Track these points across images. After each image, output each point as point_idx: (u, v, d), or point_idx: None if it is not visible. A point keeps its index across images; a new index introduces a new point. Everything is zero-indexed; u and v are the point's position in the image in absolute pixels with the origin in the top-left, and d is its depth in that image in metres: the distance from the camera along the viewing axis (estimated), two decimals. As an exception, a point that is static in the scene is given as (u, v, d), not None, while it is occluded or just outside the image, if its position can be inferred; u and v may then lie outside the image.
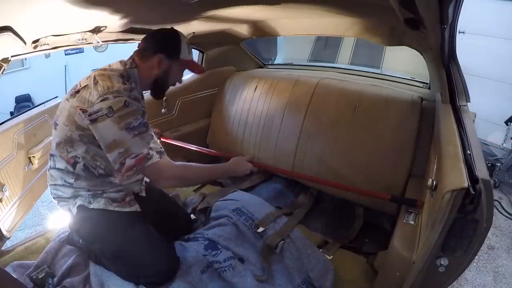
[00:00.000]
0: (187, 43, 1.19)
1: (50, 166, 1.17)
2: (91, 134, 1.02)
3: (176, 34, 1.16)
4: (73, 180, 1.12)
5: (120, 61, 1.15)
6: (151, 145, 1.03)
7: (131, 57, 1.15)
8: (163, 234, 1.27)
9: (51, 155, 1.14)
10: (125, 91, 1.02)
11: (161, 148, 1.06)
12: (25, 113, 1.58)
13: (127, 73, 1.10)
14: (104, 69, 1.09)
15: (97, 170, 1.11)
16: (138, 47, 1.17)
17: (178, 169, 1.12)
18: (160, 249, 1.23)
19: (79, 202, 1.14)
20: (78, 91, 1.03)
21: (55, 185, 1.16)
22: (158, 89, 1.22)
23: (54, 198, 1.19)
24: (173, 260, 1.24)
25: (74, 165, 1.09)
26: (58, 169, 1.13)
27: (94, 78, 1.03)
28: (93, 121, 0.97)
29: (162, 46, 1.13)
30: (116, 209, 1.17)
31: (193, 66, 1.26)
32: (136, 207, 1.23)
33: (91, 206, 1.14)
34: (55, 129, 1.10)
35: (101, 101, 0.97)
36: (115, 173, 1.08)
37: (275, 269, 1.31)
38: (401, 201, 1.31)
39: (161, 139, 1.82)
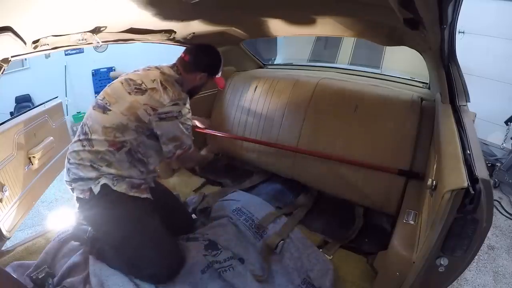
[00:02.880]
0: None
1: (80, 148, 1.19)
2: (146, 127, 1.18)
3: (220, 59, 1.39)
4: (105, 165, 1.17)
5: (169, 67, 1.31)
6: (192, 138, 1.30)
7: (176, 65, 1.32)
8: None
9: (87, 139, 1.18)
10: (187, 99, 1.27)
11: (192, 138, 1.31)
12: (25, 113, 1.58)
13: (181, 81, 1.30)
14: (163, 73, 1.26)
15: (137, 154, 1.23)
16: (183, 57, 1.32)
17: (200, 155, 1.59)
18: (168, 244, 1.25)
19: (103, 181, 1.17)
20: (145, 90, 1.19)
21: (80, 164, 1.18)
22: (190, 96, 1.38)
23: (73, 178, 1.20)
24: (179, 257, 1.25)
25: (119, 149, 1.18)
26: (92, 151, 1.17)
27: (161, 83, 1.21)
28: (162, 119, 1.17)
29: (208, 68, 1.35)
30: (136, 194, 1.23)
31: (220, 83, 1.46)
32: (149, 194, 1.29)
33: (114, 188, 1.18)
34: (104, 113, 1.17)
35: (173, 105, 1.18)
36: (166, 159, 1.30)
37: (275, 269, 1.31)
38: (407, 174, 1.51)
39: (212, 133, 2.11)
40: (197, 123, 1.80)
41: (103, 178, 1.17)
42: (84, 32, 1.16)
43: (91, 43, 1.25)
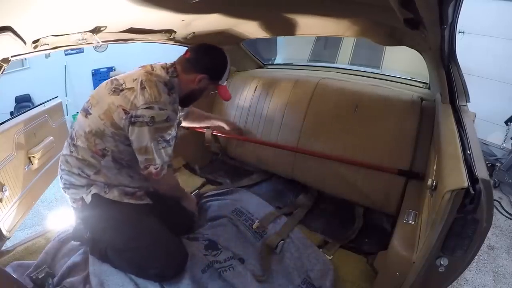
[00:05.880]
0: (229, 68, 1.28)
1: (68, 152, 1.16)
2: (123, 134, 1.09)
3: (225, 62, 1.24)
4: (92, 173, 1.14)
5: (163, 66, 1.19)
6: (166, 159, 1.15)
7: (173, 65, 1.20)
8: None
9: (74, 145, 1.14)
10: (169, 104, 1.10)
11: (169, 160, 1.18)
12: (25, 113, 1.58)
13: (171, 83, 1.15)
14: (150, 73, 1.14)
15: (123, 161, 1.17)
16: (184, 55, 1.20)
17: (174, 183, 1.37)
18: (171, 240, 1.24)
19: (94, 190, 1.15)
20: (122, 90, 1.08)
21: (69, 171, 1.16)
22: (188, 101, 1.28)
23: (64, 184, 1.19)
24: (182, 253, 1.25)
25: (103, 156, 1.12)
26: (79, 159, 1.13)
27: (141, 83, 1.08)
28: (132, 123, 1.05)
29: (209, 69, 1.20)
30: (130, 201, 1.20)
31: (223, 93, 1.31)
32: (147, 200, 1.26)
33: (106, 196, 1.15)
34: (86, 117, 1.11)
35: (146, 108, 1.04)
36: (140, 170, 1.16)
37: (275, 269, 1.31)
38: (407, 174, 1.49)
39: (213, 133, 2.06)
40: (223, 125, 1.72)
41: (94, 187, 1.15)
42: (84, 32, 1.16)
43: (91, 43, 1.24)
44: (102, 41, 1.25)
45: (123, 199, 1.18)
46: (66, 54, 4.35)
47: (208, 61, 1.20)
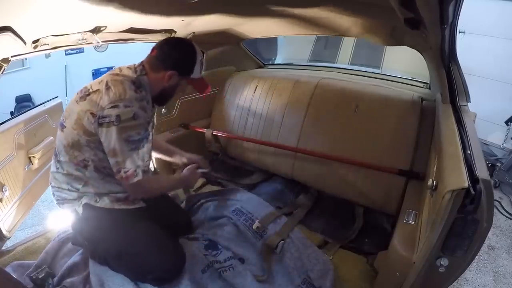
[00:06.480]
0: (202, 60, 1.21)
1: (55, 169, 1.16)
2: (97, 140, 1.05)
3: (193, 54, 1.15)
4: (81, 186, 1.13)
5: (129, 67, 1.15)
6: (139, 162, 1.06)
7: (141, 64, 1.16)
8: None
9: (58, 161, 1.14)
10: (136, 100, 1.05)
11: (148, 167, 1.11)
12: (25, 113, 1.59)
13: (138, 81, 1.11)
14: (116, 74, 1.11)
15: (106, 170, 1.13)
16: (151, 53, 1.17)
17: (154, 190, 1.22)
18: (166, 244, 1.23)
19: (85, 200, 1.15)
20: (88, 94, 1.06)
21: (59, 187, 1.16)
22: (162, 99, 1.24)
23: (57, 200, 1.19)
24: (180, 255, 1.24)
25: (85, 167, 1.11)
26: (65, 174, 1.13)
27: (106, 83, 1.05)
28: (100, 125, 1.02)
29: (176, 64, 1.13)
30: (122, 207, 1.18)
31: (199, 86, 1.25)
32: (140, 203, 1.24)
33: (98, 205, 1.15)
34: (62, 131, 1.10)
35: (111, 107, 1.00)
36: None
37: (275, 269, 1.31)
38: (407, 174, 1.50)
39: (213, 133, 2.06)
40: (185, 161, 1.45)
41: (85, 198, 1.15)
42: (84, 31, 1.16)
43: (91, 42, 1.24)
44: (102, 41, 1.25)
45: (115, 205, 1.17)
46: (66, 54, 4.36)
47: (176, 56, 1.14)
